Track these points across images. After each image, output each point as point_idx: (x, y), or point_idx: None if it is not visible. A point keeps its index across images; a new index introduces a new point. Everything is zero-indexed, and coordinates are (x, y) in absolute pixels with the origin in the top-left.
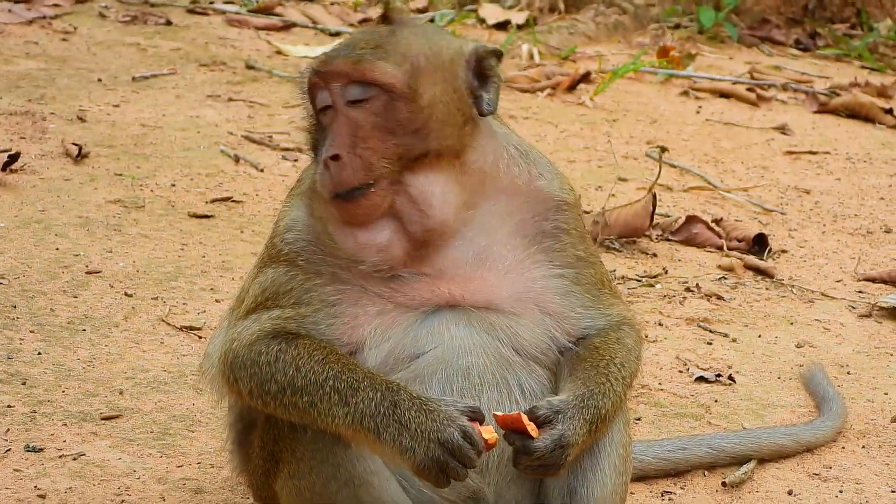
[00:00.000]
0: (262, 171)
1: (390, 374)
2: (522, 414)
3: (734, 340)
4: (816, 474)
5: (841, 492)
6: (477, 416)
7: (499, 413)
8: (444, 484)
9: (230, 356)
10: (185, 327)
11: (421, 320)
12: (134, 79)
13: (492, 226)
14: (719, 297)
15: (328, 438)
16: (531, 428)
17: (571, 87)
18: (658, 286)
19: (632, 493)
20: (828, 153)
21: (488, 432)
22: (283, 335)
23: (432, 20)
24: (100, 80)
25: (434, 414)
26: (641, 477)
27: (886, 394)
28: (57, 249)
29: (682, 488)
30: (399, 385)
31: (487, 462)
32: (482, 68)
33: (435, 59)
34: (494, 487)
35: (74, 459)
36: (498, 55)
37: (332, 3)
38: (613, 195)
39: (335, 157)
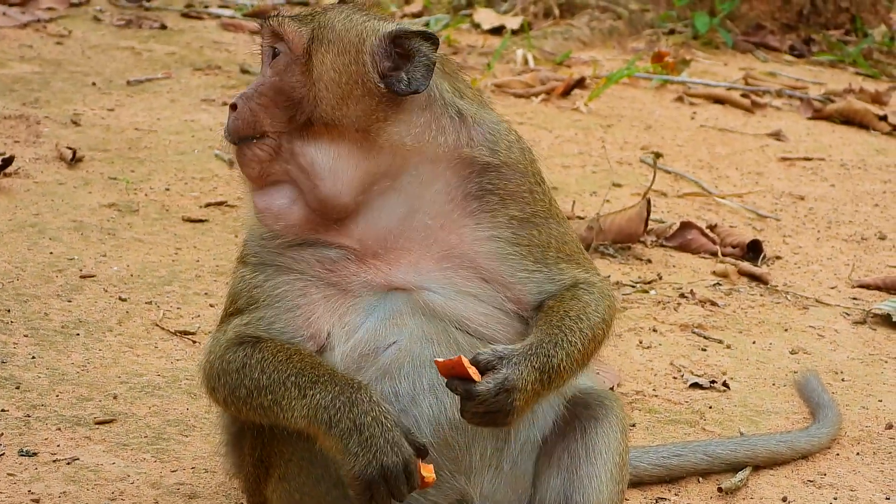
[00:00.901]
0: None
1: (359, 371)
2: (464, 358)
3: (728, 347)
4: (811, 481)
5: (835, 499)
6: (422, 453)
7: (440, 359)
8: (364, 502)
9: (207, 368)
10: (180, 332)
11: (373, 309)
12: (128, 83)
13: (412, 195)
14: (713, 304)
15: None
16: (473, 372)
17: (566, 93)
18: (652, 292)
19: (626, 499)
20: (822, 159)
21: (428, 471)
22: (248, 341)
23: (427, 25)
24: (94, 83)
25: (387, 431)
26: (636, 483)
27: (881, 401)
28: (51, 253)
29: (676, 495)
30: (361, 384)
31: (475, 465)
32: (405, 49)
33: (343, 34)
34: (480, 489)
35: (68, 464)
36: (426, 37)
37: None
38: (608, 201)
39: (233, 106)
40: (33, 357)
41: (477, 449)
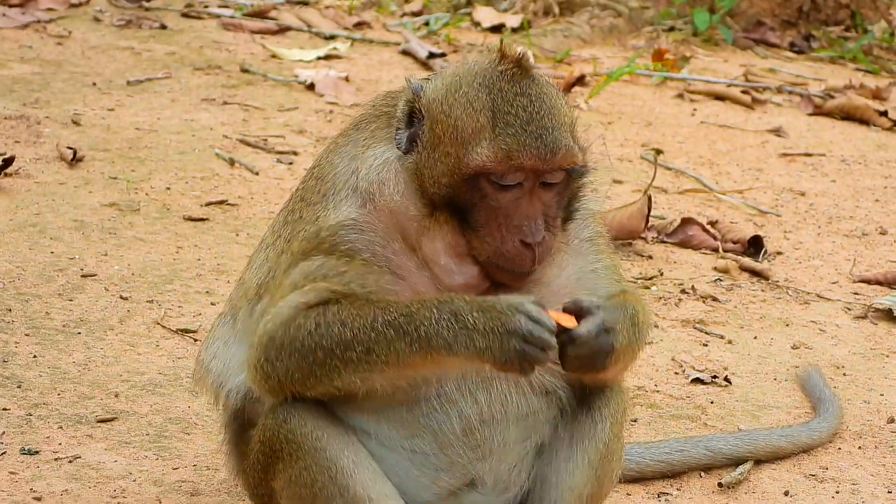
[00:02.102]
0: (257, 174)
1: None
2: (551, 311)
3: (730, 342)
4: (813, 475)
5: (837, 493)
6: (540, 303)
7: None
8: (528, 372)
9: (266, 340)
10: (181, 330)
11: None
12: (129, 83)
13: None
14: (715, 299)
15: (327, 436)
16: (566, 319)
17: (566, 90)
18: (654, 288)
19: (628, 493)
20: (823, 155)
21: (555, 314)
22: (321, 304)
23: (427, 23)
24: (94, 83)
25: (494, 309)
26: (638, 478)
27: (882, 395)
28: (52, 253)
29: (678, 489)
30: (450, 295)
31: (495, 451)
32: None
33: None
34: (494, 473)
35: (70, 462)
36: None
37: (326, 7)
38: (608, 197)
39: (541, 242)
40: (35, 356)
41: (498, 437)
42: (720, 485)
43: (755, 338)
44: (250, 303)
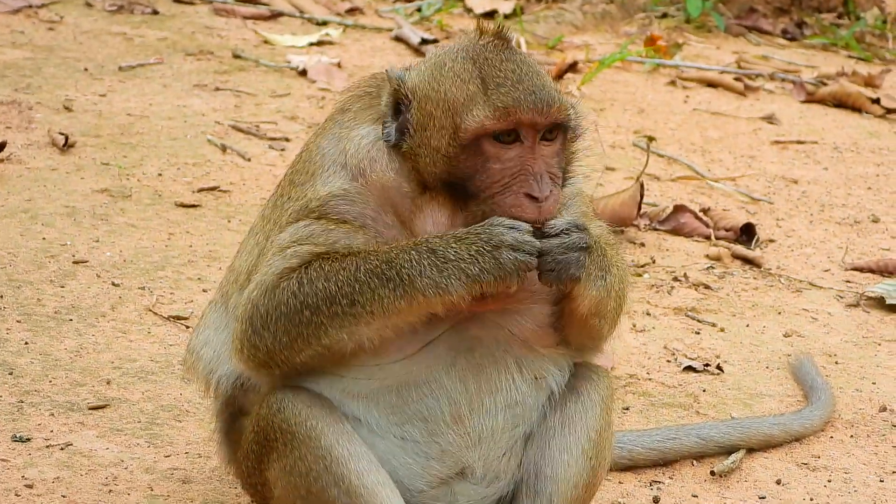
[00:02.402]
0: (249, 160)
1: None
2: None
3: (722, 330)
4: (805, 464)
5: (829, 481)
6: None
7: None
8: (523, 279)
9: (250, 310)
10: (173, 317)
11: None
12: (120, 68)
13: None
14: (707, 287)
15: (321, 425)
16: None
17: (559, 77)
18: (646, 276)
19: (620, 482)
20: (815, 143)
21: None
22: (304, 265)
23: (419, 10)
24: (86, 69)
25: (471, 234)
26: (630, 467)
27: (875, 383)
28: (44, 239)
29: (670, 478)
30: (422, 238)
31: (484, 440)
32: None
33: None
34: (484, 462)
35: (62, 449)
36: None
37: None
38: (601, 185)
39: (548, 196)
40: (26, 343)
41: (488, 425)
42: (712, 473)
43: (747, 326)
44: (241, 289)
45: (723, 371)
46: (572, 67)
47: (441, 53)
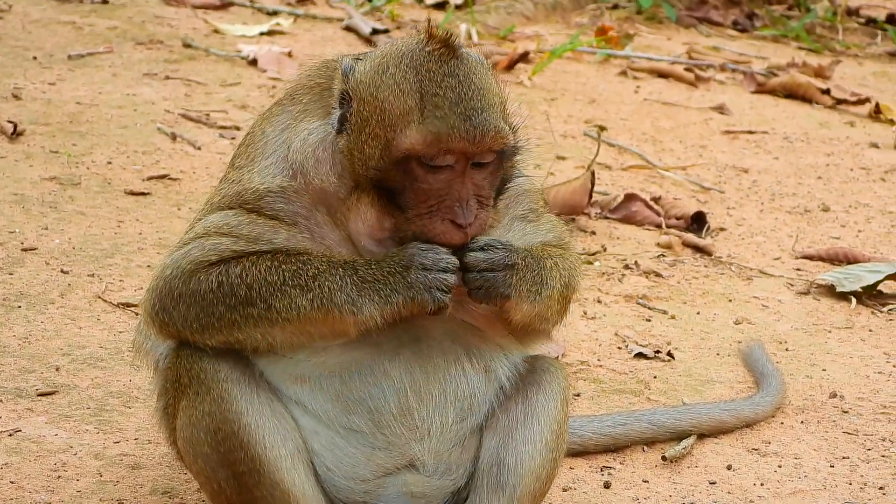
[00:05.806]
0: (199, 148)
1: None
2: None
3: (673, 317)
4: (755, 449)
5: (780, 466)
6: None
7: None
8: (444, 304)
9: (161, 289)
10: (122, 304)
11: None
12: (70, 57)
13: None
14: (658, 275)
15: (238, 389)
16: None
17: (510, 67)
18: (597, 264)
19: (571, 468)
20: (766, 133)
21: None
22: (222, 263)
23: (370, 0)
24: (35, 58)
25: (387, 257)
26: (581, 452)
27: (825, 370)
28: None
29: (621, 463)
30: (347, 258)
31: (434, 432)
32: None
33: None
34: (434, 454)
35: (10, 436)
36: None
37: None
38: (552, 174)
39: (472, 223)
40: None
41: (437, 418)
42: (664, 458)
43: (698, 313)
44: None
45: (674, 358)
46: (523, 57)
47: (386, 53)
